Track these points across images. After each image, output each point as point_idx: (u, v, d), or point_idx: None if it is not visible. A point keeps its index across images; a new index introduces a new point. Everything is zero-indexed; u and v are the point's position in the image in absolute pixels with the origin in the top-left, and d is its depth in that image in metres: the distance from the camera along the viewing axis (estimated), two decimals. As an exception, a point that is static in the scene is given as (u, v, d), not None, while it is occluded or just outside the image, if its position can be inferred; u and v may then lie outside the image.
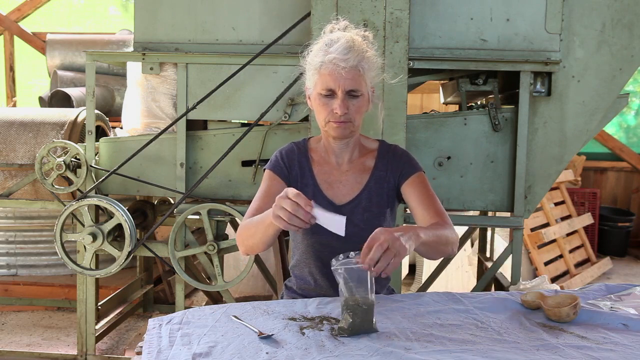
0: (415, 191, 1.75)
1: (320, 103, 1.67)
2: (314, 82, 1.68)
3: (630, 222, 5.81)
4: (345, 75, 1.61)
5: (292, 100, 2.67)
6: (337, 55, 1.61)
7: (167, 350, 1.28)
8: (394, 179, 1.78)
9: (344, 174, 1.79)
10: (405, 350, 1.27)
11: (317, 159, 1.81)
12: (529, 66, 2.56)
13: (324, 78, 1.64)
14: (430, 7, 2.61)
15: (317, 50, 1.67)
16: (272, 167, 1.81)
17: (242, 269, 3.37)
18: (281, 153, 1.83)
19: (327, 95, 1.65)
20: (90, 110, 2.77)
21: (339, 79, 1.62)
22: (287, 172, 1.79)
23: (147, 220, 3.32)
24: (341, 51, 1.61)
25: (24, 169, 3.19)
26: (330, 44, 1.64)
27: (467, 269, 4.13)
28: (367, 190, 1.77)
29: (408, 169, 1.78)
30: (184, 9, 2.73)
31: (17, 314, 3.76)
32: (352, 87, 1.63)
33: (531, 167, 2.62)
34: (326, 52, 1.63)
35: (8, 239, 3.92)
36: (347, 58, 1.61)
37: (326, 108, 1.67)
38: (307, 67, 1.71)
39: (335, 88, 1.63)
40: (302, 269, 1.83)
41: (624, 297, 1.66)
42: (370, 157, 1.81)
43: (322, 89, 1.65)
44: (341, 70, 1.61)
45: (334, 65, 1.61)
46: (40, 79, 6.52)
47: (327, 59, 1.62)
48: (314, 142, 1.85)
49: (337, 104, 1.64)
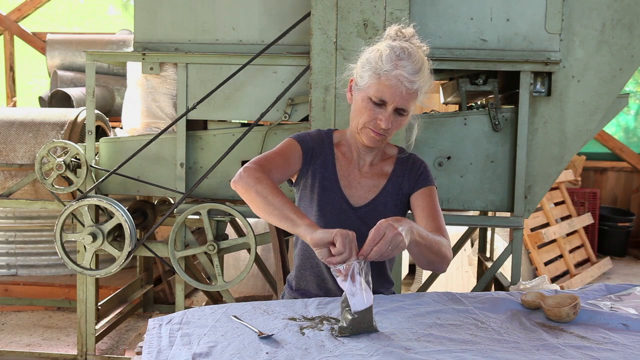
0: (422, 202, 1.75)
1: (366, 106, 1.65)
2: (368, 84, 1.64)
3: (630, 222, 5.81)
4: (404, 95, 1.60)
5: (292, 100, 2.67)
6: (405, 74, 1.58)
7: (167, 350, 1.28)
8: (408, 186, 1.78)
9: (363, 176, 1.79)
10: (405, 350, 1.27)
11: (340, 155, 1.80)
12: (529, 66, 2.56)
13: (383, 87, 1.61)
14: (430, 7, 2.61)
15: (386, 56, 1.61)
16: (300, 140, 1.77)
17: (242, 269, 3.37)
18: (310, 135, 1.80)
19: (377, 103, 1.63)
20: (90, 110, 2.77)
21: (397, 96, 1.60)
22: (311, 157, 1.76)
23: (147, 220, 3.32)
24: (410, 71, 1.59)
25: (24, 169, 3.19)
26: (401, 56, 1.60)
27: (467, 269, 4.13)
28: (383, 195, 1.78)
29: (423, 180, 1.78)
30: (184, 9, 2.73)
31: (17, 314, 3.76)
32: (404, 106, 1.63)
33: (531, 167, 2.62)
34: (395, 64, 1.59)
35: (8, 239, 3.92)
36: (413, 80, 1.59)
37: (370, 114, 1.65)
38: (365, 62, 1.66)
39: (389, 102, 1.62)
40: (305, 271, 1.83)
41: (624, 297, 1.66)
42: (389, 163, 1.81)
43: (375, 96, 1.62)
44: (403, 88, 1.59)
45: (398, 81, 1.59)
46: (40, 79, 6.52)
47: (394, 73, 1.59)
48: (338, 135, 1.84)
49: (385, 117, 1.63)
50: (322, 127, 2.51)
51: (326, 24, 2.49)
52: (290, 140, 1.77)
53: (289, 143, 1.76)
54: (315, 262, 1.80)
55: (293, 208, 1.53)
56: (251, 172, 1.60)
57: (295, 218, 1.50)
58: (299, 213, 1.52)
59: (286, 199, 1.55)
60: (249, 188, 1.58)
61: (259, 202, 1.56)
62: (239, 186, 1.61)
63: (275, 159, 1.69)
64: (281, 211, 1.53)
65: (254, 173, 1.60)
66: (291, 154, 1.74)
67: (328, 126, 2.53)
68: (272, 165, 1.66)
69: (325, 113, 2.53)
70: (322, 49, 2.49)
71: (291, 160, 1.73)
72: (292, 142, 1.76)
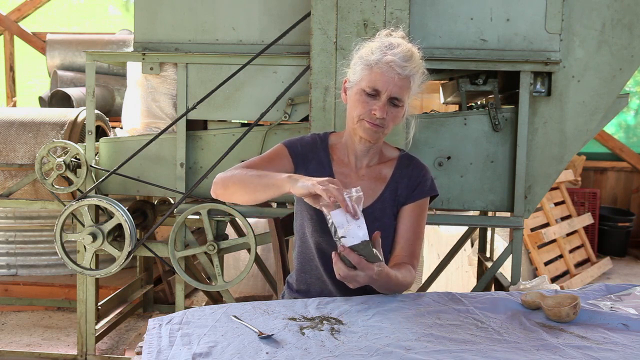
0: (408, 221, 1.75)
1: (360, 99, 1.65)
2: (361, 77, 1.65)
3: (630, 222, 5.81)
4: (396, 82, 1.61)
5: (292, 100, 2.67)
6: (396, 59, 1.60)
7: (167, 350, 1.28)
8: (405, 195, 1.77)
9: (361, 179, 1.77)
10: (405, 350, 1.27)
11: (337, 158, 1.79)
12: (529, 66, 2.56)
13: (375, 76, 1.62)
14: (430, 7, 2.61)
15: (376, 48, 1.65)
16: (289, 145, 1.78)
17: (242, 269, 3.37)
18: (303, 140, 1.80)
19: (371, 94, 1.64)
20: (90, 110, 2.77)
21: (389, 83, 1.61)
22: (302, 162, 1.76)
23: (147, 220, 3.32)
24: (401, 57, 1.61)
25: (24, 169, 3.19)
26: (391, 47, 1.63)
27: (467, 269, 4.13)
28: (381, 201, 1.76)
29: (419, 191, 1.76)
30: (184, 9, 2.73)
31: (17, 314, 3.76)
32: (398, 95, 1.63)
33: (531, 167, 2.62)
34: (385, 53, 1.62)
35: (8, 239, 3.92)
36: (404, 66, 1.60)
37: (365, 106, 1.65)
38: (356, 60, 1.69)
39: (382, 90, 1.62)
40: (305, 274, 1.82)
41: (624, 297, 1.66)
42: (389, 166, 1.79)
43: (368, 86, 1.63)
44: (395, 75, 1.60)
45: (390, 67, 1.60)
46: (40, 79, 6.52)
47: (384, 60, 1.61)
48: (335, 138, 1.83)
49: (378, 106, 1.63)
50: (322, 127, 2.53)
51: (326, 24, 2.49)
52: (279, 146, 1.78)
53: (278, 148, 1.77)
54: (315, 264, 1.79)
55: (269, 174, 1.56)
56: (227, 175, 1.63)
57: (275, 181, 1.53)
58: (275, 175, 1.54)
59: (259, 172, 1.58)
60: (225, 184, 1.63)
61: (240, 193, 1.60)
62: (217, 189, 1.64)
63: (259, 164, 1.70)
64: (260, 182, 1.56)
65: (225, 173, 1.64)
66: (279, 159, 1.74)
67: (328, 126, 2.53)
68: (255, 168, 1.67)
69: (325, 113, 2.53)
70: (322, 49, 2.49)
71: (278, 165, 1.74)
72: (280, 147, 1.78)
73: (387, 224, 1.76)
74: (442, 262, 3.46)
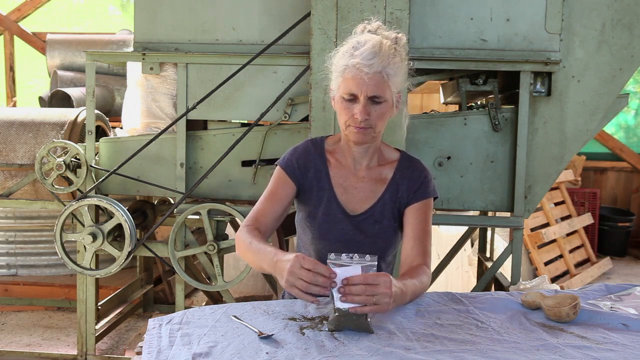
0: (414, 221, 1.74)
1: (342, 107, 1.65)
2: (338, 84, 1.66)
3: (630, 222, 5.81)
4: (368, 81, 1.59)
5: (292, 100, 2.67)
6: (361, 60, 1.58)
7: (167, 350, 1.28)
8: (406, 197, 1.76)
9: (360, 180, 1.77)
10: (405, 350, 1.27)
11: (334, 162, 1.79)
12: (529, 66, 2.56)
13: (347, 82, 1.62)
14: (430, 7, 2.61)
15: (343, 52, 1.64)
16: (285, 165, 1.78)
17: (242, 269, 3.37)
18: (296, 152, 1.80)
19: (349, 99, 1.63)
20: (90, 110, 2.77)
21: (362, 85, 1.60)
22: (301, 174, 1.77)
23: (147, 220, 3.32)
24: (366, 56, 1.58)
25: (24, 169, 3.19)
26: (357, 47, 1.61)
27: (467, 269, 4.13)
28: (381, 203, 1.76)
29: (421, 192, 1.76)
30: (184, 9, 2.73)
31: (17, 314, 3.76)
32: (375, 93, 1.61)
33: (531, 167, 2.62)
34: (351, 55, 1.61)
35: (8, 239, 3.92)
36: (371, 64, 1.58)
37: (347, 112, 1.64)
38: (332, 68, 1.69)
39: (358, 93, 1.61)
40: None
41: (624, 297, 1.66)
42: (389, 168, 1.79)
43: (345, 93, 1.63)
44: (364, 75, 1.58)
45: (358, 70, 1.59)
46: (40, 79, 6.52)
47: (351, 63, 1.60)
48: (332, 141, 1.82)
49: (358, 110, 1.62)
50: (322, 127, 2.53)
51: (326, 24, 2.50)
52: (277, 170, 1.79)
53: (276, 175, 1.78)
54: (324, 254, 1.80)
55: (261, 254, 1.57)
56: (240, 242, 1.68)
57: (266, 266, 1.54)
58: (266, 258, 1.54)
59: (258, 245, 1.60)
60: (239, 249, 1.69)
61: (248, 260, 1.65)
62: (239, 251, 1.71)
63: (266, 207, 1.74)
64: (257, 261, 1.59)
65: (240, 232, 1.69)
66: (281, 188, 1.76)
67: (328, 126, 2.53)
68: (265, 213, 1.73)
69: (325, 113, 2.53)
70: (322, 49, 2.49)
71: (282, 194, 1.76)
72: (278, 172, 1.78)
73: (387, 226, 1.76)
74: (442, 262, 3.46)
